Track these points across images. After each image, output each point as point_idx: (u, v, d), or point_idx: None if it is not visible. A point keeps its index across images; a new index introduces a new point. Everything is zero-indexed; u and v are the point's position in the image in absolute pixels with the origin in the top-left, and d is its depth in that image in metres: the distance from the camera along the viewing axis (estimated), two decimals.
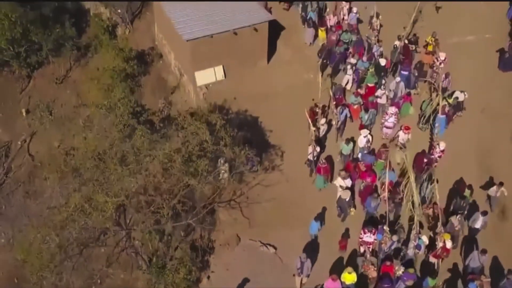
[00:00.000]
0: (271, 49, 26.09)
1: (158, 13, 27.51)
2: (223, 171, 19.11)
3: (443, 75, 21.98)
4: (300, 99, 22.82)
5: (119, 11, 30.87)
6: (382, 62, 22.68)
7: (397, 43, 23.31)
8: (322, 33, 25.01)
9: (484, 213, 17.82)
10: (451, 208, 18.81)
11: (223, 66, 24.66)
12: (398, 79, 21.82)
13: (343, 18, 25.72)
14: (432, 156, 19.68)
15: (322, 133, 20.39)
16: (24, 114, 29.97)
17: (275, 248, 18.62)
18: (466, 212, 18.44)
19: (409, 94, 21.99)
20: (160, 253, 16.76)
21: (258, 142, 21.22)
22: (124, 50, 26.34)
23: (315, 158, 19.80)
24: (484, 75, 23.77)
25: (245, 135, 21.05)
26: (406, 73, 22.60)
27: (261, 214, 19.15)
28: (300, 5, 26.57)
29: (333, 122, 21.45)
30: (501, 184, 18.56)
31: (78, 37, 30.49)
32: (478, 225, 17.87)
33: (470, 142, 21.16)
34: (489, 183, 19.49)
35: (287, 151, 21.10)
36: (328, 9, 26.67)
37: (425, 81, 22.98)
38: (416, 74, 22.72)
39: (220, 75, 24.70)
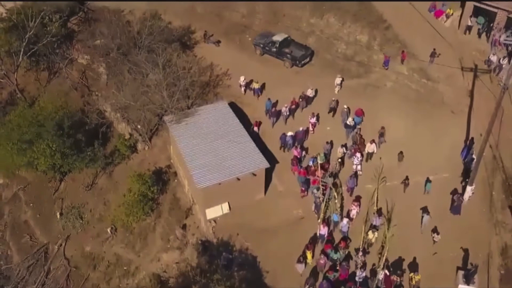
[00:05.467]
0: (268, 179, 31.69)
1: (173, 139, 32.88)
2: None
3: None
4: (290, 238, 28.51)
5: (139, 126, 36.33)
6: None
7: (380, 273, 25.15)
8: (309, 255, 26.82)
9: None
10: None
11: (228, 202, 30.32)
12: None
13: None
14: None
15: None
16: (58, 216, 35.58)
17: None
18: None
19: None
20: None
21: (257, 283, 26.90)
22: (147, 181, 31.74)
23: None
24: (438, 216, 29.16)
25: (246, 274, 26.76)
26: None
27: None
28: (315, 206, 29.30)
29: None
30: None
31: (103, 147, 35.90)
32: None
33: None
34: None
35: None
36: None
37: None
38: None
39: (226, 209, 30.38)
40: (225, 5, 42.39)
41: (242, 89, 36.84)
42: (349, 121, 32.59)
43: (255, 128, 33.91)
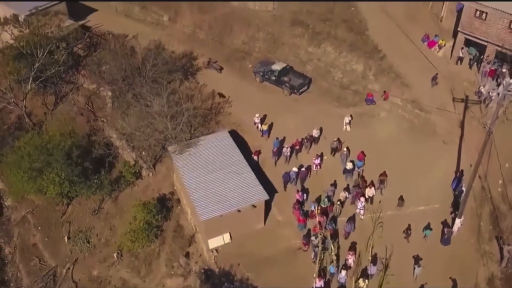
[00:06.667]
0: (267, 208, 33.21)
1: (176, 169, 34.35)
2: None
3: None
4: (289, 269, 30.03)
5: (143, 153, 37.78)
6: None
7: None
8: None
9: None
10: None
11: (229, 233, 31.87)
12: None
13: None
14: None
15: None
16: (66, 240, 37.04)
17: None
18: None
19: None
20: None
21: None
22: (152, 210, 33.26)
23: None
24: (427, 248, 30.84)
25: None
26: None
27: None
28: (314, 255, 29.83)
29: None
30: None
31: (109, 173, 37.35)
32: None
33: None
34: None
35: None
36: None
37: None
38: None
39: (227, 239, 31.94)
40: (226, 32, 43.80)
41: (257, 126, 37.35)
42: (349, 166, 33.37)
43: (255, 157, 35.36)
